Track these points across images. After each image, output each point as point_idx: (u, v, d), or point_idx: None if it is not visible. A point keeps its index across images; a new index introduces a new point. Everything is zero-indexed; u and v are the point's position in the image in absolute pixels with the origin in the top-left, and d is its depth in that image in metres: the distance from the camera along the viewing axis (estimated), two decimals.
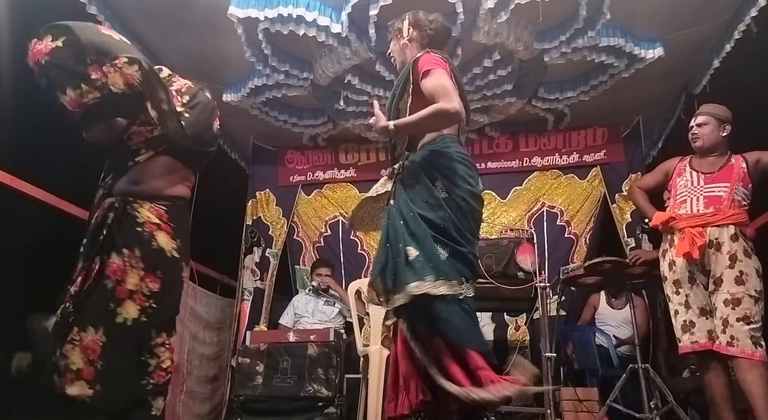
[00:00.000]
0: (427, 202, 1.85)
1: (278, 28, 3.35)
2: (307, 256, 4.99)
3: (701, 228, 2.62)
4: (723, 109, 2.82)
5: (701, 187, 2.73)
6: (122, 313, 2.06)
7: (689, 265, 2.65)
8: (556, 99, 4.24)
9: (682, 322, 2.65)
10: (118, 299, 2.05)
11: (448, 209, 1.82)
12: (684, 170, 2.85)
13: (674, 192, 2.85)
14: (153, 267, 2.14)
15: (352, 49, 3.58)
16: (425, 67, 1.89)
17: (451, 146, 1.93)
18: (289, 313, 4.28)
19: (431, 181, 1.87)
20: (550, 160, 4.80)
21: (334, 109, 4.33)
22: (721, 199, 2.66)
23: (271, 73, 3.85)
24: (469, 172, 1.91)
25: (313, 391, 3.37)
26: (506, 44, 3.54)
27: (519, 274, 3.25)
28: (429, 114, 1.81)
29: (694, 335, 2.61)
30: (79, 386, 1.94)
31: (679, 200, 2.79)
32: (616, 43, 3.54)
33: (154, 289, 2.13)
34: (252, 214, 5.09)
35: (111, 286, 2.06)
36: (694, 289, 2.64)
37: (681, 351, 2.67)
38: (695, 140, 2.83)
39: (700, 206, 2.70)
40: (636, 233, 4.41)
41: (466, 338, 1.73)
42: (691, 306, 2.63)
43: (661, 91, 4.27)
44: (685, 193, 2.77)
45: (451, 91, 1.83)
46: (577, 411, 3.17)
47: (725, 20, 3.48)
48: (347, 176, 5.07)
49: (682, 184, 2.81)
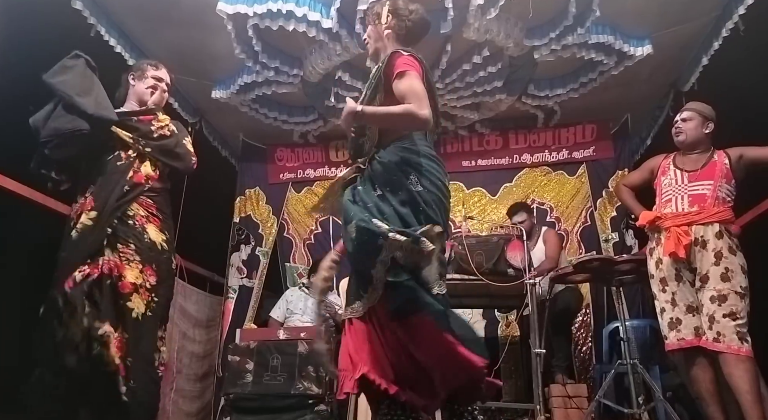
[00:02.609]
0: (401, 198, 1.84)
1: (268, 24, 3.33)
2: (297, 253, 4.98)
3: (687, 227, 2.64)
4: (708, 108, 2.84)
5: (685, 186, 2.76)
6: (135, 308, 2.11)
7: (675, 263, 2.66)
8: (546, 96, 4.25)
9: (669, 319, 2.67)
10: (124, 294, 2.11)
11: (422, 203, 1.83)
12: (668, 168, 2.87)
13: (659, 190, 2.87)
14: (149, 260, 2.20)
15: (342, 45, 3.56)
16: (399, 68, 1.88)
17: (419, 144, 1.94)
18: (281, 306, 4.26)
19: (405, 176, 1.87)
20: (539, 156, 4.82)
21: (325, 105, 4.31)
22: (705, 197, 2.68)
23: (260, 69, 3.82)
24: (438, 168, 1.92)
25: (304, 388, 3.37)
26: (496, 41, 3.54)
27: (509, 270, 3.26)
28: (399, 113, 1.81)
29: (680, 332, 2.62)
30: None
31: (664, 199, 2.81)
32: (606, 40, 3.56)
33: (152, 283, 2.19)
34: (240, 212, 5.06)
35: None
36: (681, 286, 2.65)
37: (668, 348, 2.68)
38: (678, 134, 2.84)
39: (684, 205, 2.71)
40: (620, 228, 4.45)
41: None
42: (677, 303, 2.64)
43: (650, 89, 4.30)
44: (670, 192, 2.80)
45: (423, 96, 1.83)
46: (566, 407, 3.19)
47: (713, 18, 3.50)
48: (338, 174, 5.03)
49: (666, 182, 2.83)
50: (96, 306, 2.07)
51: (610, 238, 4.48)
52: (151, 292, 2.18)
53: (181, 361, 4.35)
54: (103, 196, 2.23)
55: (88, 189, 2.28)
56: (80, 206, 2.25)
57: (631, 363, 3.03)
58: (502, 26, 3.43)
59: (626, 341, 3.19)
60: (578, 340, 4.28)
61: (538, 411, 2.97)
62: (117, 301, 2.10)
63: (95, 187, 2.27)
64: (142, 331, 2.13)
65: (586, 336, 4.28)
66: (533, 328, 3.11)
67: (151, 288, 2.18)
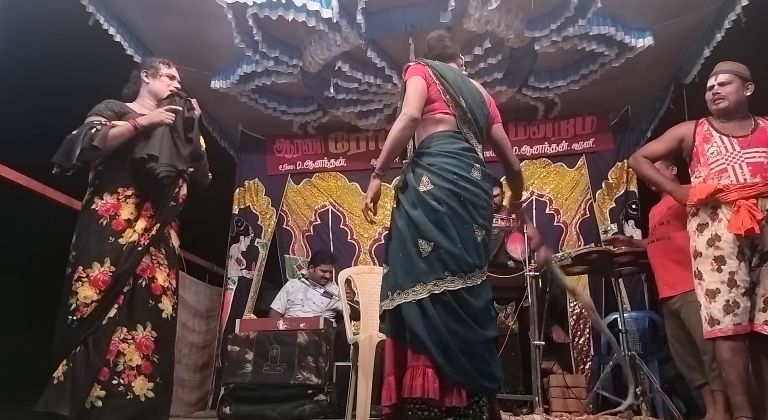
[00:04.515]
0: (412, 202, 1.97)
1: (267, 14, 3.30)
2: (297, 245, 4.97)
3: (754, 199, 2.36)
4: (744, 67, 2.57)
5: (740, 154, 2.45)
6: (165, 309, 2.26)
7: (739, 240, 2.37)
8: (546, 88, 4.24)
9: (725, 302, 2.36)
10: (156, 296, 2.25)
11: (434, 201, 1.93)
12: (711, 135, 2.54)
13: (704, 160, 2.54)
14: (173, 264, 2.35)
15: (342, 36, 3.54)
16: (405, 78, 2.12)
17: (434, 144, 2.04)
18: (281, 298, 4.27)
19: (416, 178, 1.99)
20: (539, 148, 4.80)
21: (324, 96, 4.29)
22: (764, 166, 2.41)
23: (260, 59, 3.80)
24: (457, 162, 2.00)
25: (303, 379, 3.38)
26: (497, 32, 3.52)
27: (509, 263, 3.26)
28: (391, 131, 2.01)
29: (737, 317, 2.34)
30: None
31: (716, 169, 2.49)
32: (607, 31, 3.54)
33: (175, 286, 2.35)
34: (239, 203, 5.04)
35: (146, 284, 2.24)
36: (742, 265, 2.37)
37: (720, 334, 2.36)
38: (719, 101, 2.52)
39: (746, 175, 2.42)
40: (619, 219, 4.45)
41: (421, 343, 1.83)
42: (737, 284, 2.36)
43: (651, 81, 4.29)
44: (722, 160, 2.48)
45: (411, 96, 2.03)
46: (565, 397, 3.20)
47: (715, 10, 3.49)
48: (337, 166, 5.04)
49: (713, 150, 2.51)
50: (130, 308, 2.18)
51: (609, 229, 4.47)
52: (175, 294, 2.34)
53: (180, 351, 4.35)
54: (161, 212, 2.30)
55: (126, 190, 2.28)
56: (117, 208, 2.25)
57: (629, 355, 3.05)
58: (503, 17, 3.42)
59: (624, 333, 3.21)
60: (576, 332, 4.29)
61: (536, 402, 2.98)
62: (148, 301, 2.22)
63: (148, 199, 2.29)
64: (168, 330, 2.28)
65: (584, 327, 4.30)
66: (532, 320, 3.12)
67: (174, 290, 2.34)
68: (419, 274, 1.88)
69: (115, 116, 2.31)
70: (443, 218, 1.91)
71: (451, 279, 1.87)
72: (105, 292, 2.13)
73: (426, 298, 1.85)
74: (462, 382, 1.81)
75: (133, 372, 2.12)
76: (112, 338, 2.11)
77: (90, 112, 2.32)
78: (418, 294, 1.86)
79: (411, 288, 1.87)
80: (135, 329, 2.17)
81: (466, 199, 1.96)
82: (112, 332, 2.11)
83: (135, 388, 2.11)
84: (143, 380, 2.14)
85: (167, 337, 2.27)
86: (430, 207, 1.92)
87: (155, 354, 2.19)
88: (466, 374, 1.82)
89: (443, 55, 2.28)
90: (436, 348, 1.80)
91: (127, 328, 2.15)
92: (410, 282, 1.88)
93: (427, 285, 1.86)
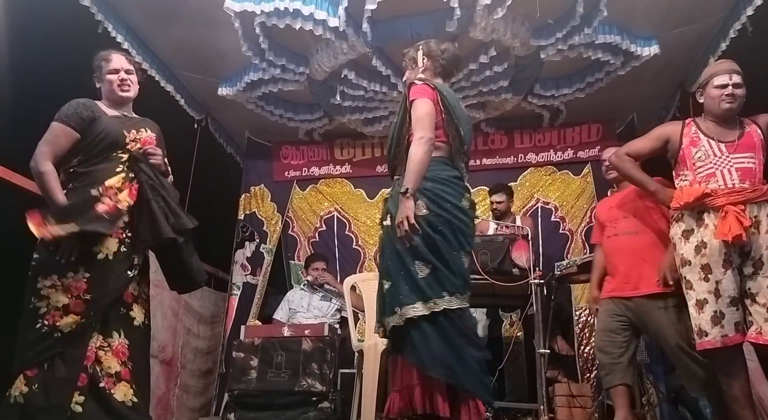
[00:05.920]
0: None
1: (274, 22, 3.33)
2: (302, 251, 4.98)
3: (742, 205, 2.29)
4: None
5: (727, 158, 2.38)
6: (136, 317, 2.24)
7: (726, 247, 2.29)
8: (551, 96, 4.24)
9: (712, 313, 2.28)
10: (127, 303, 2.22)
11: (428, 227, 1.99)
12: (698, 138, 2.46)
13: (689, 163, 2.47)
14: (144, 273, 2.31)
15: (349, 44, 3.56)
16: (412, 97, 2.11)
17: (430, 168, 2.07)
18: (283, 308, 4.27)
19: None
20: (544, 156, 4.81)
21: (330, 103, 4.31)
22: (752, 172, 2.35)
23: (267, 67, 3.83)
24: (450, 190, 2.09)
25: (308, 385, 3.38)
26: (503, 40, 3.54)
27: (514, 270, 3.25)
28: (415, 154, 2.02)
29: (724, 328, 2.26)
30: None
31: (703, 173, 2.41)
32: (613, 40, 3.54)
33: (147, 294, 2.32)
34: (245, 209, 5.07)
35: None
36: (727, 274, 2.29)
37: (707, 346, 2.30)
38: (731, 102, 2.41)
39: (734, 180, 2.35)
40: None
41: (424, 362, 1.92)
42: (721, 294, 2.28)
43: (657, 89, 4.29)
44: (710, 164, 2.40)
45: (426, 120, 2.05)
46: (570, 406, 3.19)
47: (721, 19, 3.49)
48: (342, 172, 5.06)
49: (700, 154, 2.43)
50: (105, 316, 2.16)
51: None
52: (147, 302, 2.31)
53: (185, 356, 4.37)
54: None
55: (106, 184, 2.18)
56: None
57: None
58: (508, 26, 3.43)
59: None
60: (582, 340, 4.28)
61: (542, 411, 2.97)
62: (120, 309, 2.20)
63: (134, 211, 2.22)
64: (141, 338, 2.25)
65: (589, 335, 4.28)
66: (537, 328, 3.11)
67: (146, 299, 2.31)
68: (421, 292, 1.96)
69: (82, 123, 2.18)
70: (436, 244, 2.00)
71: (448, 299, 1.97)
72: (89, 304, 2.06)
73: (429, 315, 1.94)
74: (476, 395, 1.91)
75: (112, 379, 2.10)
76: (88, 345, 2.07)
77: (57, 114, 2.20)
78: (418, 311, 1.95)
79: (412, 305, 1.96)
80: (111, 336, 2.15)
81: (457, 227, 2.06)
82: (89, 339, 2.07)
83: (116, 394, 2.09)
84: (125, 386, 2.12)
85: (141, 344, 2.24)
86: (425, 233, 1.99)
87: (130, 361, 2.17)
88: (480, 387, 1.92)
89: (447, 71, 2.32)
90: (444, 364, 1.89)
91: (103, 336, 2.13)
92: (414, 299, 1.96)
93: (427, 303, 1.95)
